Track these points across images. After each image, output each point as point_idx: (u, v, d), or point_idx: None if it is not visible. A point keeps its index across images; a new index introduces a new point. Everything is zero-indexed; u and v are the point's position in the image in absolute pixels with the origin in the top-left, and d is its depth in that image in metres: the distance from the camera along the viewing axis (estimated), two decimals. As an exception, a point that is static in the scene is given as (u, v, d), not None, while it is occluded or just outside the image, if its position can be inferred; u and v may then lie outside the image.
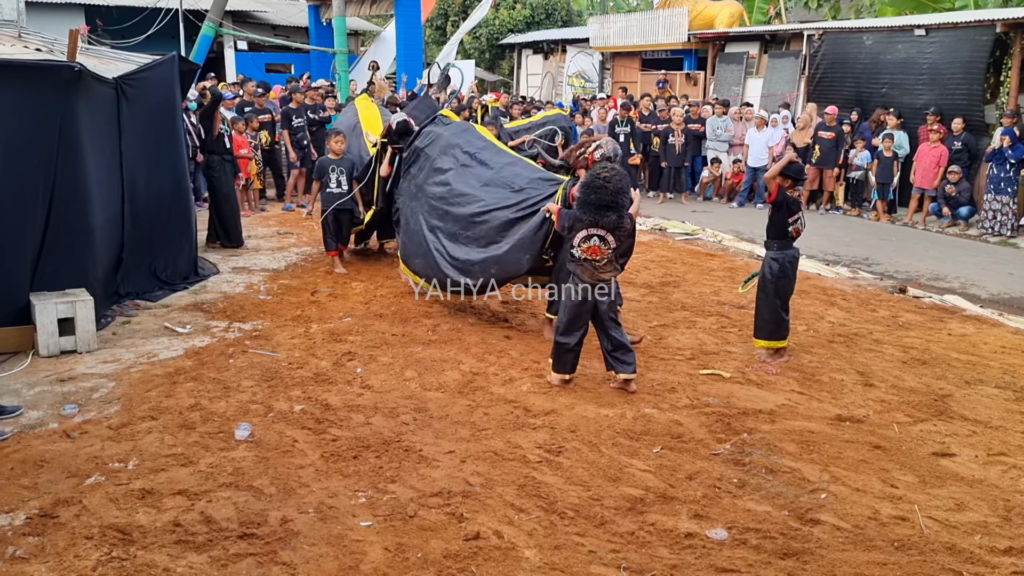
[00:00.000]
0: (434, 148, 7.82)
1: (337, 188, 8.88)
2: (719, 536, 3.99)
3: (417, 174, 7.89)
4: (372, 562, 3.70)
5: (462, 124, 8.36)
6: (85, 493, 4.21)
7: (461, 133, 7.92)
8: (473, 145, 7.69)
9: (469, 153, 7.56)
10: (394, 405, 5.47)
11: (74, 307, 6.31)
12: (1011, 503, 4.39)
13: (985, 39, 12.98)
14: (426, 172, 7.76)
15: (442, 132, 7.95)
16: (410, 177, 7.98)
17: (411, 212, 7.82)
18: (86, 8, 21.88)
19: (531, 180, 7.03)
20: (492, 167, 7.32)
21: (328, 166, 8.97)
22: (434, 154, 7.76)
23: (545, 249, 6.73)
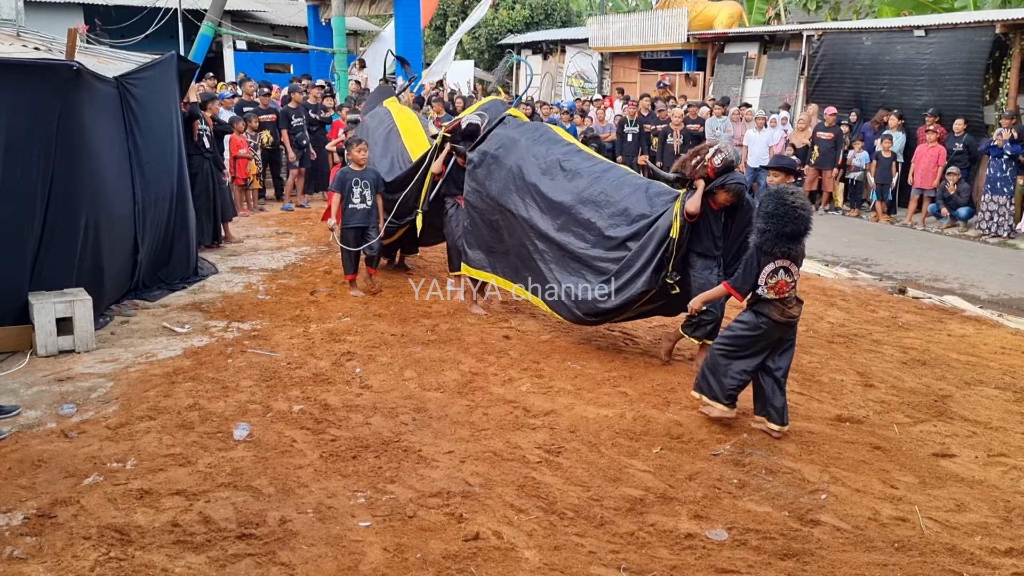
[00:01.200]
0: (509, 154, 7.05)
1: (361, 203, 7.95)
2: (719, 537, 3.98)
3: (488, 183, 7.14)
4: (371, 562, 3.69)
5: (536, 126, 7.59)
6: (83, 493, 4.20)
7: (539, 137, 7.14)
8: (557, 150, 6.92)
9: (554, 161, 6.82)
10: (393, 405, 5.45)
11: (72, 306, 6.29)
12: (1011, 504, 4.39)
13: (984, 40, 12.99)
14: (502, 181, 7.02)
15: (515, 135, 7.18)
16: (477, 184, 7.24)
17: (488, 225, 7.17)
18: (85, 7, 21.88)
19: (636, 191, 6.32)
20: (584, 176, 6.59)
21: (350, 178, 7.98)
22: (510, 161, 7.01)
23: (669, 272, 5.99)
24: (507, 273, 7.20)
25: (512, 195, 6.93)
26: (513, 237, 6.99)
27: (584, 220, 6.45)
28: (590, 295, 6.35)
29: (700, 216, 5.87)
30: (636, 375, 6.11)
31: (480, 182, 7.22)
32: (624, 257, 6.18)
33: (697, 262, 6.02)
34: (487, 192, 7.14)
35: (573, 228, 6.52)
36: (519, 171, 6.91)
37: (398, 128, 9.04)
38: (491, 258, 7.29)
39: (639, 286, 6.05)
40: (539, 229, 6.71)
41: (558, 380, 5.98)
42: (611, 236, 6.29)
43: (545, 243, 6.69)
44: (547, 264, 6.70)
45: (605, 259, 6.31)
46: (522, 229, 6.85)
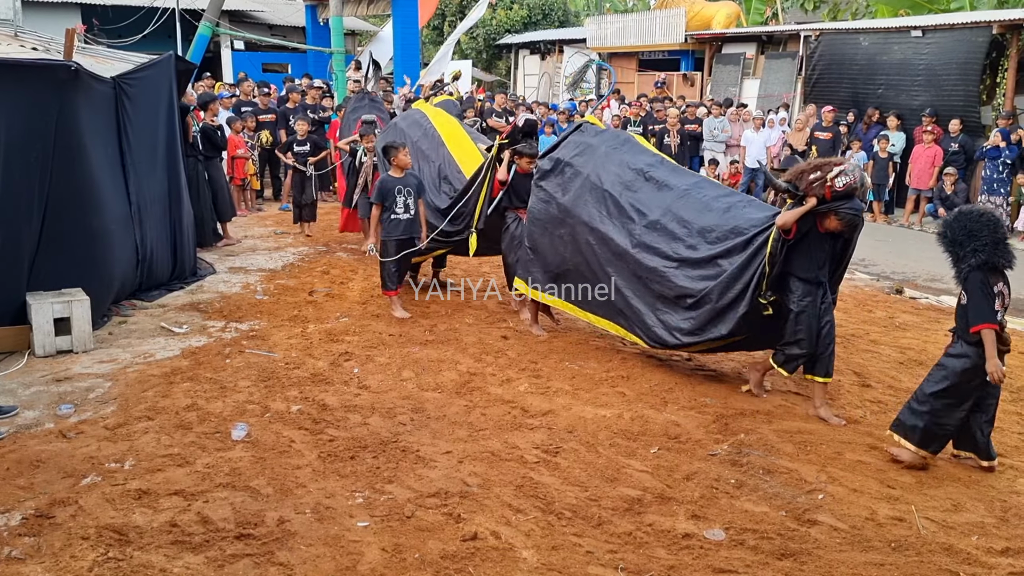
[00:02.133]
0: (587, 162, 6.57)
1: (405, 213, 7.38)
2: (717, 536, 3.99)
3: (560, 192, 6.67)
4: (369, 563, 3.69)
5: (617, 133, 7.07)
6: (81, 493, 4.20)
7: (621, 145, 6.65)
8: (640, 160, 6.43)
9: (638, 171, 6.32)
10: (391, 405, 5.46)
11: (70, 307, 6.29)
12: (1008, 504, 4.40)
13: (981, 40, 13.02)
14: (577, 191, 6.54)
15: (594, 142, 6.71)
16: (546, 193, 6.77)
17: (556, 238, 6.69)
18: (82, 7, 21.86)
19: (730, 208, 5.84)
20: (673, 188, 6.12)
21: (393, 187, 7.37)
22: (587, 169, 6.52)
23: (763, 292, 5.45)
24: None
25: (587, 206, 6.43)
26: (579, 254, 6.51)
27: (671, 236, 5.95)
28: (674, 317, 5.88)
29: (802, 235, 5.33)
30: (634, 375, 6.12)
31: (550, 191, 6.75)
32: (717, 275, 5.63)
33: (798, 287, 5.40)
34: (557, 202, 6.66)
35: (657, 244, 6.00)
36: (598, 180, 6.42)
37: (440, 135, 8.35)
38: (555, 280, 6.78)
39: (741, 309, 5.51)
40: (615, 244, 6.22)
41: (556, 380, 5.99)
42: (701, 253, 5.76)
43: (621, 260, 6.19)
44: (621, 283, 6.22)
45: (693, 277, 5.78)
46: (593, 244, 6.38)
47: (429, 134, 8.35)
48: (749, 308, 5.48)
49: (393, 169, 7.44)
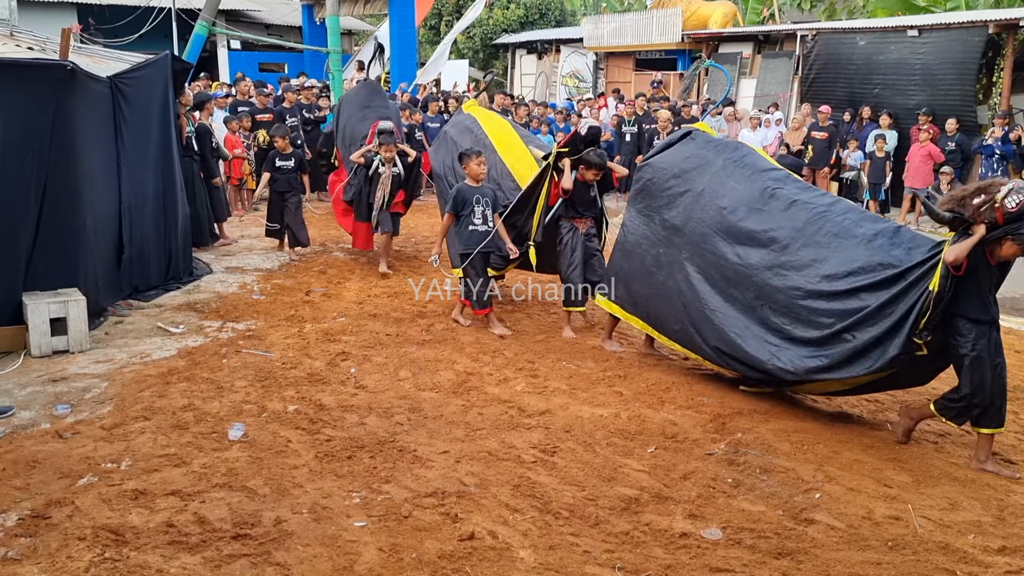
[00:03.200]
0: (700, 175, 5.98)
1: (483, 224, 6.91)
2: (714, 536, 3.99)
3: (664, 206, 6.13)
4: (366, 562, 3.69)
5: (736, 144, 6.32)
6: (78, 494, 4.19)
7: (741, 158, 5.98)
8: (764, 175, 5.78)
9: (763, 188, 5.70)
10: (388, 405, 5.45)
11: (66, 307, 6.28)
12: (1004, 502, 4.41)
13: (977, 40, 13.04)
14: (686, 207, 5.97)
15: (709, 154, 6.08)
16: (646, 207, 6.28)
17: (652, 257, 6.18)
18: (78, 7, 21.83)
19: (877, 235, 5.11)
20: (804, 208, 5.46)
21: (471, 196, 6.93)
22: (700, 184, 5.94)
23: (918, 332, 4.76)
24: (661, 320, 6.15)
25: (699, 226, 5.84)
26: (678, 280, 5.94)
27: (803, 262, 5.27)
28: (797, 352, 5.22)
29: (972, 269, 4.67)
30: (631, 375, 6.12)
31: (652, 205, 6.20)
32: (857, 310, 4.95)
33: (970, 330, 4.71)
34: (662, 217, 6.10)
35: (786, 271, 5.34)
36: (713, 197, 5.81)
37: (491, 141, 7.79)
38: (641, 299, 6.29)
39: (891, 351, 4.81)
40: (731, 270, 5.60)
41: (553, 380, 5.99)
42: (839, 285, 5.07)
43: (737, 287, 5.58)
44: (730, 313, 5.59)
45: (827, 311, 5.10)
46: (705, 268, 5.80)
47: (480, 141, 7.77)
48: (902, 350, 4.80)
49: (468, 178, 7.00)
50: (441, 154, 8.20)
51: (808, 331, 5.18)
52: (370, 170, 8.85)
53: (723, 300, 5.64)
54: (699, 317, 5.76)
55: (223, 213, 10.44)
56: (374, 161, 8.81)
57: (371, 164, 8.84)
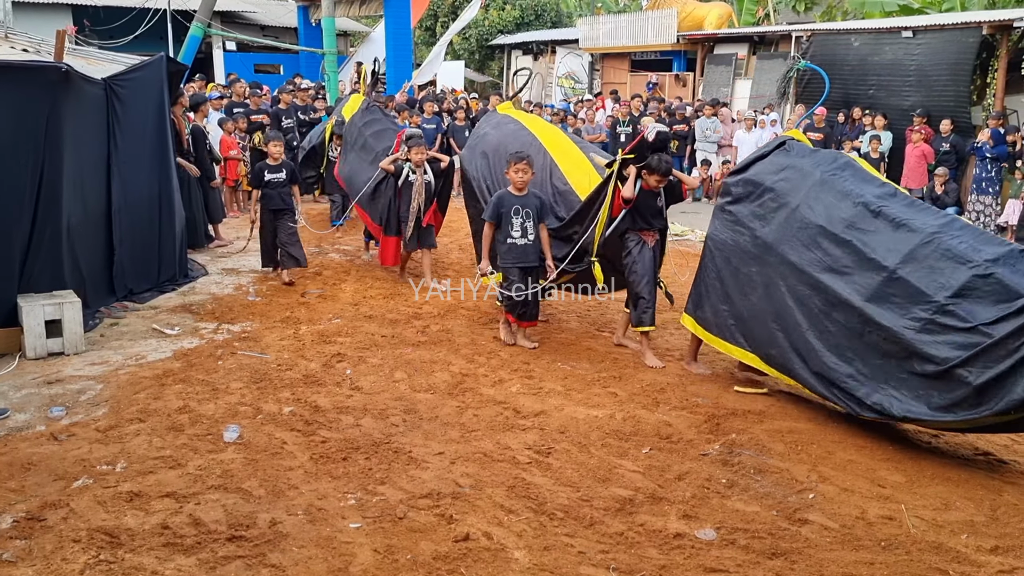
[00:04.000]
0: (795, 190, 5.52)
1: (522, 237, 6.47)
2: (708, 536, 4.01)
3: (756, 223, 5.69)
4: (361, 564, 3.69)
5: (835, 156, 5.79)
6: (72, 496, 4.19)
7: (840, 170, 5.50)
8: (867, 191, 5.30)
9: (866, 205, 5.19)
10: (383, 407, 5.46)
11: (61, 309, 6.28)
12: (997, 502, 4.42)
13: (971, 41, 13.09)
14: (780, 224, 5.53)
15: (806, 166, 5.64)
16: (736, 223, 5.83)
17: (743, 276, 5.73)
18: (73, 8, 21.81)
19: (999, 260, 4.63)
20: (916, 230, 4.95)
21: (511, 205, 6.42)
22: (796, 199, 5.48)
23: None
24: (755, 343, 5.67)
25: (796, 244, 5.39)
26: (775, 300, 5.48)
27: (914, 290, 4.80)
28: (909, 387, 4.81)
29: None
30: (626, 376, 6.13)
31: (743, 220, 5.77)
32: (978, 344, 4.50)
33: None
34: (754, 234, 5.67)
35: (894, 299, 4.88)
36: (810, 214, 5.37)
37: (541, 142, 7.20)
38: (731, 320, 5.83)
39: (1018, 392, 4.34)
40: (833, 294, 5.14)
41: (548, 381, 6.00)
42: (957, 317, 4.62)
43: (840, 313, 5.12)
44: (832, 340, 5.16)
45: (944, 343, 4.65)
46: (801, 291, 5.33)
47: (528, 143, 7.16)
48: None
49: (511, 186, 6.51)
50: (477, 156, 7.57)
51: (918, 366, 4.74)
52: (399, 180, 8.37)
53: (823, 327, 5.19)
54: (798, 342, 5.33)
55: (218, 215, 10.44)
56: (404, 169, 8.35)
57: (400, 173, 8.35)
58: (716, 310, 5.93)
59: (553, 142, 7.26)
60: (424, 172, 8.33)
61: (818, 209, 5.35)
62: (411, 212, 8.29)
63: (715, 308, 5.94)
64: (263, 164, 8.55)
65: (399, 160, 8.36)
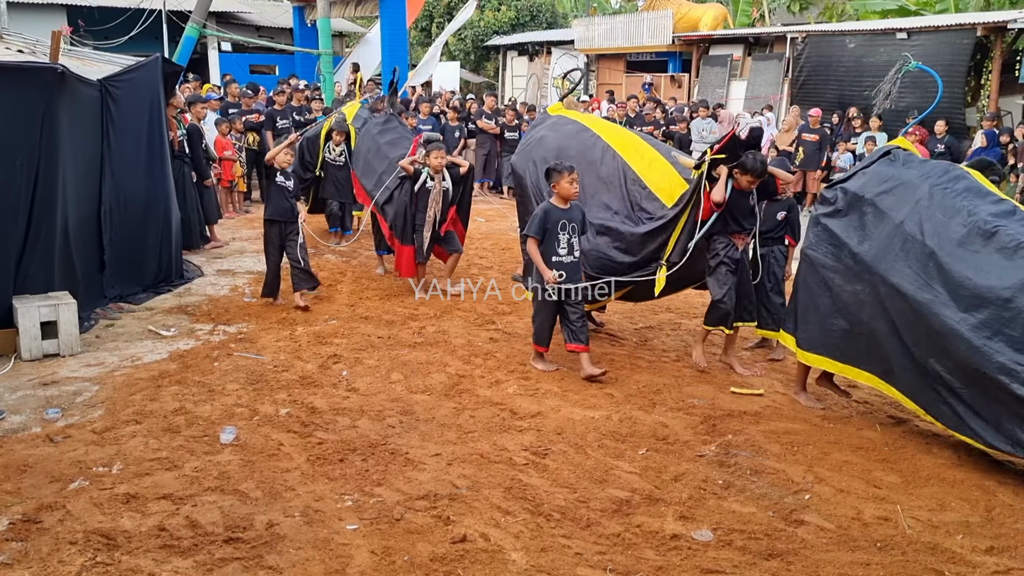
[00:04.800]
0: (900, 204, 5.05)
1: (568, 255, 5.96)
2: (704, 537, 4.01)
3: (856, 238, 5.19)
4: (358, 565, 3.69)
5: (946, 167, 5.22)
6: (69, 498, 4.18)
7: (950, 183, 5.00)
8: (982, 208, 4.79)
9: (977, 224, 4.72)
10: (380, 408, 5.46)
11: (57, 310, 6.27)
12: (992, 503, 4.44)
13: (966, 42, 13.15)
14: (883, 241, 5.03)
15: (913, 178, 5.12)
16: (838, 240, 5.29)
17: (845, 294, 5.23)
18: (68, 9, 21.77)
19: None
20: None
21: (558, 220, 5.93)
22: (900, 214, 4.99)
23: None
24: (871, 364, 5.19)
25: (898, 264, 4.91)
26: (883, 319, 5.02)
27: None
28: None
29: None
30: (622, 377, 6.14)
31: (840, 235, 5.29)
32: None
33: None
34: (851, 250, 5.19)
35: (1005, 336, 4.44)
36: (917, 232, 4.87)
37: (608, 143, 6.66)
38: (837, 338, 5.34)
39: None
40: (939, 322, 4.66)
41: (545, 382, 6.00)
42: None
43: (946, 343, 4.65)
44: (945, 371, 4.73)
45: None
46: (906, 316, 4.86)
47: (592, 145, 6.69)
48: None
49: (555, 197, 6.01)
50: (533, 160, 6.94)
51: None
52: (416, 185, 7.95)
53: (933, 357, 4.74)
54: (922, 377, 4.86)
55: (214, 215, 10.43)
56: (422, 173, 7.91)
57: (419, 176, 7.93)
58: (822, 328, 5.41)
59: (622, 142, 6.72)
60: (443, 179, 7.96)
61: (924, 227, 4.86)
62: (427, 221, 7.92)
63: (821, 327, 5.41)
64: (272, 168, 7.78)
65: (417, 163, 7.96)
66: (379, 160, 8.78)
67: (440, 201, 7.92)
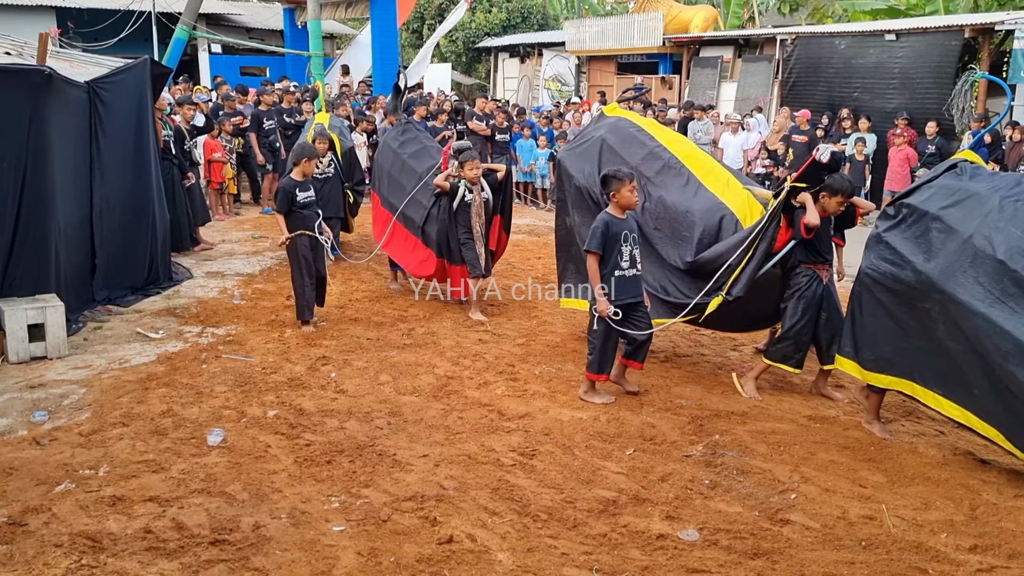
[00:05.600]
0: (968, 218, 4.76)
1: (631, 268, 5.55)
2: (690, 537, 4.03)
3: (920, 254, 4.94)
4: (345, 567, 3.70)
5: (1016, 179, 4.97)
6: (55, 500, 4.17)
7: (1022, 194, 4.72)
8: None
9: None
10: (368, 409, 5.46)
11: (44, 312, 6.25)
12: (976, 501, 4.46)
13: (954, 44, 13.19)
14: (950, 257, 4.75)
15: (982, 191, 4.84)
16: (901, 257, 5.04)
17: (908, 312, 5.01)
18: (57, 10, 21.68)
19: None
20: None
21: (619, 231, 5.51)
22: (968, 228, 4.71)
23: None
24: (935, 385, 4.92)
25: (968, 281, 4.64)
26: (957, 341, 4.72)
27: None
28: None
29: None
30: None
31: (902, 251, 5.04)
32: None
33: None
34: (915, 267, 4.93)
35: None
36: (987, 246, 4.59)
37: (672, 152, 6.18)
38: (906, 357, 5.06)
39: None
40: (1013, 338, 4.39)
41: (533, 383, 6.01)
42: None
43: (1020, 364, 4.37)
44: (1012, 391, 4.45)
45: None
46: (978, 334, 4.56)
47: (653, 151, 6.23)
48: None
49: (613, 207, 5.58)
50: (588, 163, 6.54)
51: None
52: (455, 201, 7.38)
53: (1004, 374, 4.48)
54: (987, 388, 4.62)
55: (201, 217, 10.39)
56: (459, 188, 7.35)
57: (456, 192, 7.35)
58: (878, 350, 5.20)
59: (687, 153, 6.35)
60: (481, 189, 7.42)
61: (996, 240, 4.57)
62: (476, 236, 7.37)
63: (875, 348, 5.22)
64: (291, 181, 6.96)
65: (452, 177, 7.38)
66: (407, 176, 8.13)
67: (483, 214, 7.45)
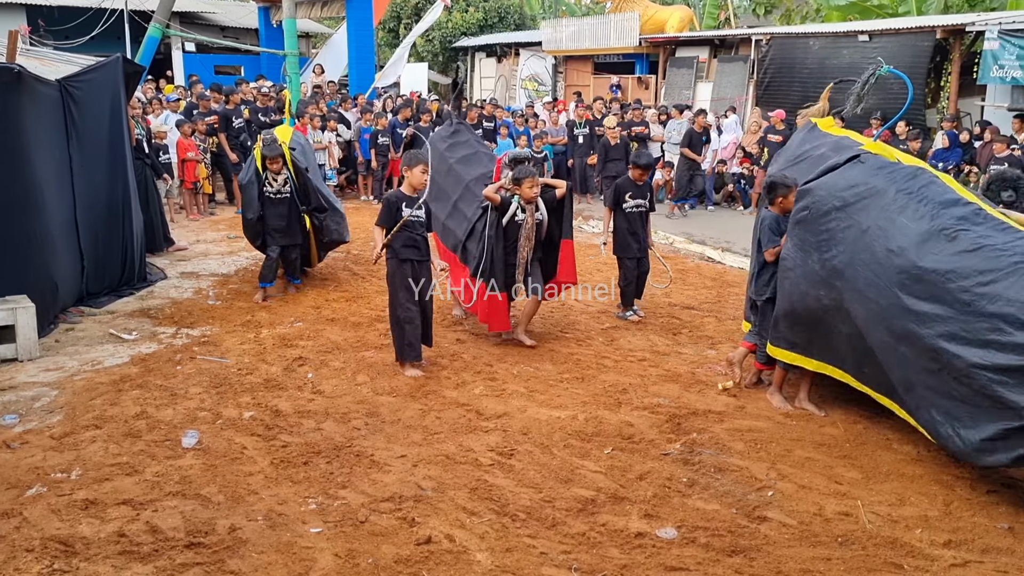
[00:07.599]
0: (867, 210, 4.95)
1: None
2: (669, 535, 4.04)
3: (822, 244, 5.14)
4: (322, 569, 3.67)
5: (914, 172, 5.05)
6: (26, 504, 4.11)
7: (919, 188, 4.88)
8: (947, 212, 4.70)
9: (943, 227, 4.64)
10: (345, 410, 5.43)
11: (15, 314, 6.16)
12: (950, 497, 4.51)
13: (926, 45, 13.34)
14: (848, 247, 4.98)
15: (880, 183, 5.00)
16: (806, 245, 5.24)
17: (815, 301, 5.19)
18: (28, 8, 21.37)
19: None
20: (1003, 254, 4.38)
21: None
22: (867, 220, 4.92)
23: None
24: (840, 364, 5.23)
25: (862, 271, 4.86)
26: (848, 326, 5.00)
27: (987, 328, 4.26)
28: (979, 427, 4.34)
29: None
30: (588, 377, 6.16)
31: (809, 239, 5.20)
32: None
33: None
34: (819, 255, 5.13)
35: (961, 338, 4.36)
36: (880, 236, 4.79)
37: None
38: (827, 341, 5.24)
39: None
40: (899, 327, 4.62)
41: (511, 383, 6.00)
42: None
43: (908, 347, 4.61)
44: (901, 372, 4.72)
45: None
46: (871, 324, 4.81)
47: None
48: None
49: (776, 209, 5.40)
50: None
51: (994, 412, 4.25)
52: (504, 217, 6.53)
53: (893, 358, 4.72)
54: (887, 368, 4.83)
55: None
56: (511, 204, 6.52)
57: (507, 207, 6.52)
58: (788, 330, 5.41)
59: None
60: (535, 208, 6.57)
61: (889, 231, 4.76)
62: (519, 261, 6.56)
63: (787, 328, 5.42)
64: (399, 194, 6.06)
65: (504, 190, 6.55)
66: (453, 184, 7.37)
67: (533, 238, 6.58)
